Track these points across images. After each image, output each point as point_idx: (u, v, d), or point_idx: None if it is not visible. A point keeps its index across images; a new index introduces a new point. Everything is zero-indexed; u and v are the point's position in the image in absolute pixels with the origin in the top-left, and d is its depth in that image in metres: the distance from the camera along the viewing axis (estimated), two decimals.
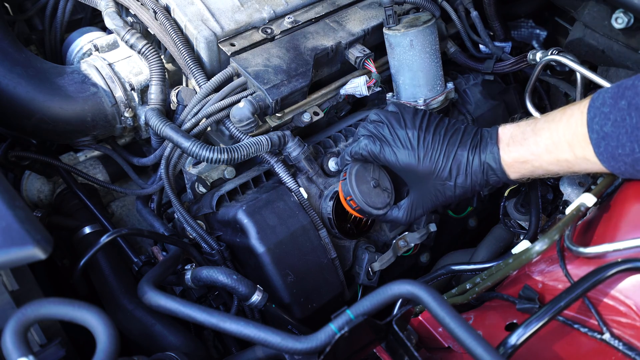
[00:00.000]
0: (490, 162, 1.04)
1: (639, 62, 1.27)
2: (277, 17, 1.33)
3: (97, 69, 1.29)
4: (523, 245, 0.97)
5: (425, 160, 1.08)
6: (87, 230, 1.33)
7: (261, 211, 1.17)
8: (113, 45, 1.39)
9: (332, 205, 1.23)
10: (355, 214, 1.21)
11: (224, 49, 1.24)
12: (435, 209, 1.14)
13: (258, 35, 1.28)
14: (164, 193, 1.32)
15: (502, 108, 1.58)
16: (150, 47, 1.26)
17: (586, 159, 0.91)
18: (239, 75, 1.24)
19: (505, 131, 1.05)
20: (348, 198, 1.17)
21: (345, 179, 1.17)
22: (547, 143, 0.96)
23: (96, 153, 1.48)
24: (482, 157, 1.05)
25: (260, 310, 1.11)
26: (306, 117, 1.27)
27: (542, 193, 1.41)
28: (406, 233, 1.33)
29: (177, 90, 1.27)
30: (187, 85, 1.34)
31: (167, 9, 1.27)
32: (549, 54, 1.30)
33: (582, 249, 0.91)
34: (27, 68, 1.23)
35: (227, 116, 1.20)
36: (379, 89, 1.33)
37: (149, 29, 1.31)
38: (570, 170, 0.97)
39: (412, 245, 1.33)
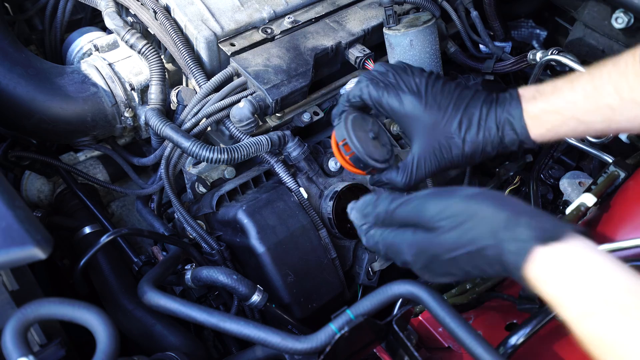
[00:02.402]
0: (509, 116, 0.91)
1: None
2: (277, 17, 1.33)
3: (97, 69, 1.29)
4: None
5: (433, 107, 0.94)
6: (87, 230, 1.33)
7: (261, 211, 1.17)
8: (113, 45, 1.39)
9: (332, 205, 1.23)
10: (347, 166, 1.03)
11: (224, 49, 1.24)
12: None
13: (258, 35, 1.28)
14: (164, 193, 1.32)
15: None
16: (150, 47, 1.26)
17: (635, 101, 0.82)
18: (239, 75, 1.24)
19: (528, 89, 0.93)
20: (342, 142, 1.00)
21: (341, 121, 1.01)
22: (585, 88, 0.85)
23: (96, 153, 1.48)
24: (499, 111, 0.92)
25: (260, 310, 1.11)
26: (306, 117, 1.27)
27: (542, 193, 1.42)
28: None
29: (177, 90, 1.27)
30: (187, 85, 1.34)
31: (167, 9, 1.27)
32: (549, 54, 1.30)
33: None
34: (27, 68, 1.23)
35: (227, 116, 1.20)
36: None
37: (149, 29, 1.31)
38: (611, 119, 0.85)
39: None
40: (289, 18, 1.31)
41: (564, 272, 0.65)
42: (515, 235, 0.68)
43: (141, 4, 1.28)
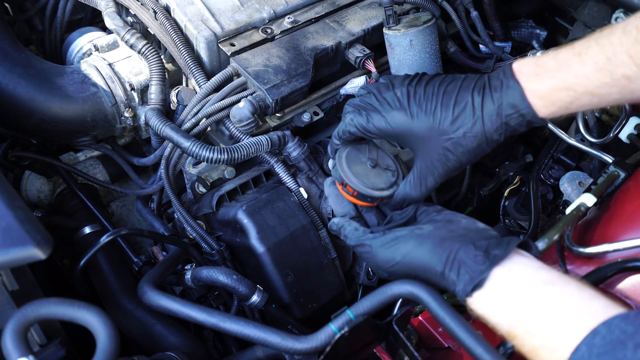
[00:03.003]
0: (510, 99, 0.86)
1: None
2: (277, 17, 1.33)
3: (97, 69, 1.29)
4: None
5: (420, 115, 0.90)
6: (87, 230, 1.33)
7: (261, 211, 1.17)
8: (113, 45, 1.39)
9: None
10: (358, 202, 1.00)
11: (224, 49, 1.24)
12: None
13: (258, 35, 1.28)
14: (164, 193, 1.32)
15: None
16: (150, 47, 1.26)
17: None
18: (239, 75, 1.24)
19: (524, 64, 0.87)
20: (343, 184, 0.99)
21: (335, 163, 1.00)
22: (597, 60, 0.80)
23: (96, 153, 1.48)
24: (496, 96, 0.87)
25: (260, 310, 1.11)
26: (306, 117, 1.27)
27: (542, 193, 1.42)
28: None
29: (177, 90, 1.27)
30: (187, 85, 1.34)
31: (167, 9, 1.27)
32: None
33: (582, 249, 0.92)
34: (27, 68, 1.23)
35: (227, 116, 1.20)
36: None
37: (149, 29, 1.31)
38: (627, 90, 0.81)
39: None
40: (289, 18, 1.31)
41: (494, 307, 0.77)
42: (449, 284, 0.80)
43: (141, 4, 1.28)
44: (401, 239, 0.85)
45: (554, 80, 0.83)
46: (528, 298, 0.74)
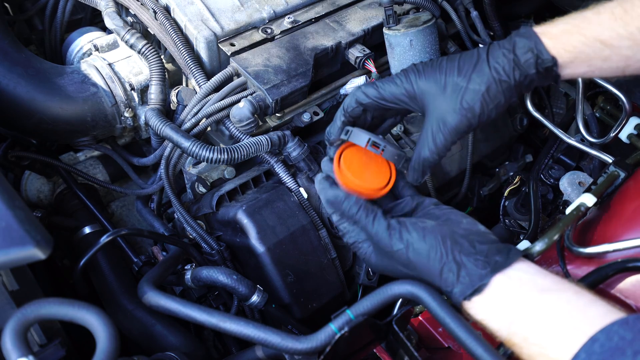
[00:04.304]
0: (520, 37, 0.84)
1: None
2: (277, 17, 1.33)
3: (97, 69, 1.29)
4: (523, 245, 0.97)
5: (429, 72, 0.87)
6: (87, 230, 1.33)
7: (261, 211, 1.17)
8: (113, 45, 1.39)
9: None
10: (362, 192, 0.89)
11: (224, 49, 1.24)
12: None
13: (258, 35, 1.28)
14: (164, 193, 1.32)
15: None
16: (150, 47, 1.26)
17: None
18: (239, 75, 1.24)
19: (541, 26, 0.86)
20: (367, 143, 0.89)
21: (351, 130, 0.90)
22: (614, 11, 0.82)
23: (96, 153, 1.48)
24: (504, 43, 0.85)
25: (260, 310, 1.11)
26: (306, 117, 1.27)
27: (542, 193, 1.42)
28: None
29: (177, 90, 1.27)
30: (187, 85, 1.34)
31: (167, 9, 1.27)
32: None
33: (582, 249, 0.92)
34: (27, 68, 1.23)
35: (227, 116, 1.20)
36: None
37: (149, 29, 1.31)
38: (638, 45, 0.82)
39: None
40: (289, 18, 1.31)
41: (492, 314, 0.77)
42: (446, 286, 0.79)
43: (141, 4, 1.28)
44: (405, 226, 0.83)
45: (566, 25, 0.84)
46: (526, 305, 0.74)
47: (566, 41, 0.83)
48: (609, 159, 1.22)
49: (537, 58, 0.83)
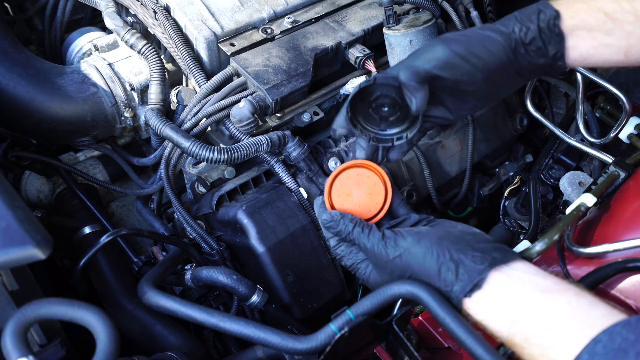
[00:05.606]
0: (526, 4, 0.88)
1: None
2: (277, 17, 1.33)
3: (97, 69, 1.29)
4: (523, 245, 0.97)
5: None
6: (87, 230, 1.33)
7: (261, 211, 1.17)
8: (113, 45, 1.39)
9: None
10: (371, 189, 0.93)
11: (224, 49, 1.24)
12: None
13: (258, 35, 1.28)
14: (164, 193, 1.32)
15: (502, 108, 1.58)
16: (150, 47, 1.26)
17: None
18: (239, 75, 1.24)
19: None
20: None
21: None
22: None
23: (96, 153, 1.48)
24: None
25: (260, 310, 1.11)
26: (306, 117, 1.27)
27: (542, 193, 1.42)
28: None
29: (177, 90, 1.27)
30: (187, 85, 1.34)
31: (167, 9, 1.27)
32: None
33: (582, 249, 0.92)
34: (27, 68, 1.23)
35: (227, 116, 1.20)
36: None
37: (149, 29, 1.31)
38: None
39: None
40: (289, 18, 1.31)
41: (492, 312, 0.77)
42: (445, 285, 0.79)
43: (141, 4, 1.28)
44: (400, 234, 0.85)
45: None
46: (526, 306, 0.74)
47: (570, 6, 0.85)
48: (609, 159, 1.22)
49: (539, 11, 0.85)
